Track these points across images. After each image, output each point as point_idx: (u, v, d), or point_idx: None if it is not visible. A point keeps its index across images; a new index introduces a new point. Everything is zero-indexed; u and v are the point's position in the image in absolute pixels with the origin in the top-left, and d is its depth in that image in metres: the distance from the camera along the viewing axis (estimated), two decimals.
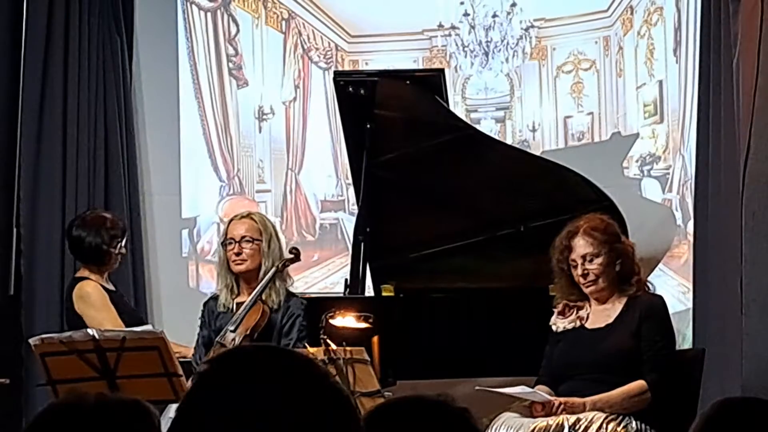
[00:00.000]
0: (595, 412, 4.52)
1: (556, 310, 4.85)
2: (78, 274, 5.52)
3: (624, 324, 4.69)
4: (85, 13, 6.70)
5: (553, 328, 4.83)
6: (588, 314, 4.79)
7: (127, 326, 5.03)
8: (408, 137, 5.70)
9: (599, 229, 4.73)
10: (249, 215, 5.36)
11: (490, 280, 5.66)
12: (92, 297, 5.35)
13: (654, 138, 6.88)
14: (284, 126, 7.20)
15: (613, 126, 6.98)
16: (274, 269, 5.15)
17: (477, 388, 4.75)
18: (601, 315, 4.77)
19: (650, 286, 4.88)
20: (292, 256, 5.25)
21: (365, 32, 7.22)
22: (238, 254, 5.21)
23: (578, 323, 4.78)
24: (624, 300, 4.74)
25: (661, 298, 4.85)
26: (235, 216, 5.38)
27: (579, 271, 4.72)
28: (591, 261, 4.71)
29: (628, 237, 4.96)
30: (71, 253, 5.67)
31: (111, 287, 5.49)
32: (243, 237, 5.22)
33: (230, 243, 5.23)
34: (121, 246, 5.45)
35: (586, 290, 4.75)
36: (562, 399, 4.58)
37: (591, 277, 4.72)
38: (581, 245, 4.71)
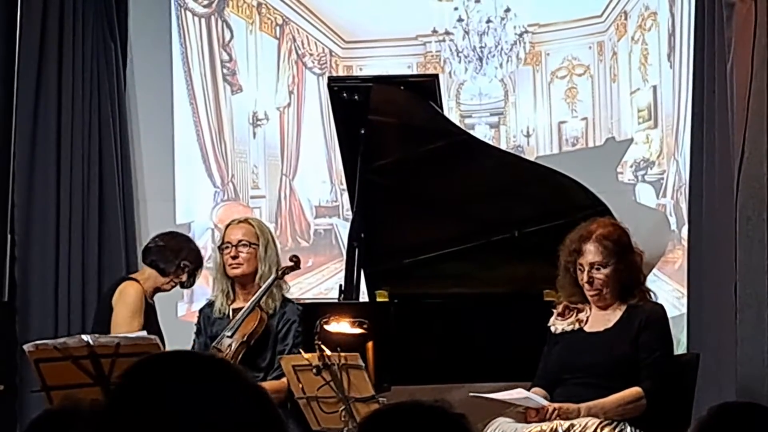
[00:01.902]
0: (590, 418, 4.50)
1: (555, 311, 4.83)
2: (132, 275, 5.64)
3: (623, 330, 4.66)
4: (79, 19, 6.70)
5: (552, 329, 4.80)
6: (588, 317, 4.76)
7: None
8: (402, 143, 5.70)
9: (611, 239, 4.67)
10: (246, 220, 5.37)
11: (484, 285, 5.66)
12: (130, 297, 5.47)
13: (648, 143, 6.88)
14: (278, 132, 7.20)
15: (607, 131, 6.98)
16: (274, 276, 5.14)
17: (471, 393, 4.74)
18: (600, 319, 4.74)
19: (652, 294, 4.83)
20: (292, 263, 5.24)
21: (359, 38, 7.22)
22: (234, 258, 5.20)
23: (577, 326, 4.76)
24: (624, 306, 4.72)
25: (661, 307, 4.79)
26: (233, 220, 5.38)
27: (585, 277, 4.67)
28: (598, 270, 4.66)
29: None
30: (142, 254, 5.71)
31: (151, 302, 5.56)
32: (240, 241, 5.22)
33: (227, 247, 5.22)
34: (185, 273, 5.57)
35: (589, 296, 4.72)
36: (557, 404, 4.56)
37: (596, 285, 4.67)
38: (591, 252, 4.66)
